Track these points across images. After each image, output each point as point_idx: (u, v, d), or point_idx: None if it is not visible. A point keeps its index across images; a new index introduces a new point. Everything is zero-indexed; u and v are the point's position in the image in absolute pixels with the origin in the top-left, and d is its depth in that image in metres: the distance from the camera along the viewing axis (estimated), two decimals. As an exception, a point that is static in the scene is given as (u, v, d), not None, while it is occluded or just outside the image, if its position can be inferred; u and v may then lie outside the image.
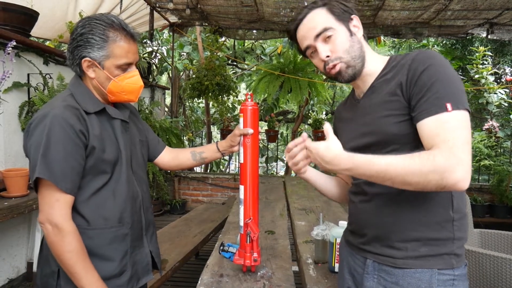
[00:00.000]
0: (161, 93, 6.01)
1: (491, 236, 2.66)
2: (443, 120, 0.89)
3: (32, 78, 3.00)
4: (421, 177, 0.85)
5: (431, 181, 0.84)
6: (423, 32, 4.92)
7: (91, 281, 1.13)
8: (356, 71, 1.06)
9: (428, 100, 0.91)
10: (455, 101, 0.89)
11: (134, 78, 1.25)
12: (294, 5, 4.31)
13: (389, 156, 0.89)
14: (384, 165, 0.88)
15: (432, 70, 0.93)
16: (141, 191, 1.34)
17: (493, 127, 5.41)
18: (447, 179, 0.83)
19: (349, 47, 1.04)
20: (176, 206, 5.30)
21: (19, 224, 2.96)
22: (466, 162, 0.85)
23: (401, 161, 0.87)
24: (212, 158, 1.57)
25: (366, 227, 1.08)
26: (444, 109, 0.89)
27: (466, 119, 0.90)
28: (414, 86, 0.94)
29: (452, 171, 0.83)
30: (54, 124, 1.10)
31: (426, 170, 0.84)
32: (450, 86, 0.91)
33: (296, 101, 5.04)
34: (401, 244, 0.99)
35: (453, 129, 0.87)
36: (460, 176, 0.83)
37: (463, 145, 0.86)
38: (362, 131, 1.08)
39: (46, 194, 1.12)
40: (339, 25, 1.04)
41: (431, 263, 0.96)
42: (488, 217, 4.95)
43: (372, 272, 1.05)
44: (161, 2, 4.36)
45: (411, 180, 0.86)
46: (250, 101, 1.38)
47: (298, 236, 2.03)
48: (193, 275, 3.22)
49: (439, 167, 0.83)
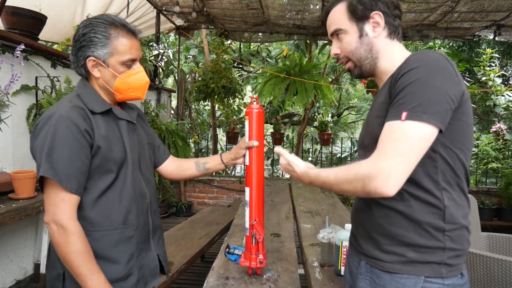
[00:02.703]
0: (167, 95, 6.03)
1: (499, 240, 2.63)
2: (392, 128, 0.89)
3: (40, 81, 3.03)
4: (348, 184, 0.94)
5: (356, 187, 0.91)
6: (430, 34, 4.89)
7: (97, 283, 1.11)
8: (362, 71, 1.08)
9: (393, 104, 0.91)
10: (414, 111, 0.86)
11: (140, 74, 1.25)
12: (300, 8, 4.31)
13: (331, 168, 1.02)
14: (324, 177, 1.03)
15: (412, 73, 0.89)
16: (149, 193, 1.33)
17: (500, 129, 5.36)
18: (368, 186, 0.88)
19: (354, 49, 1.06)
20: (182, 208, 5.31)
21: (27, 225, 2.98)
22: (388, 171, 0.85)
23: (335, 172, 0.99)
24: (216, 169, 1.57)
25: (359, 226, 1.10)
26: (398, 117, 0.88)
27: (418, 132, 0.86)
28: (393, 87, 0.94)
29: (371, 179, 0.87)
30: (59, 124, 1.10)
31: (350, 178, 0.93)
32: (419, 94, 0.87)
33: (301, 103, 5.02)
34: (390, 248, 0.99)
35: (394, 140, 0.87)
36: (378, 184, 0.86)
37: (395, 155, 0.86)
38: (366, 129, 1.10)
39: (52, 193, 1.12)
40: (351, 26, 1.06)
41: (419, 269, 0.95)
42: (496, 221, 4.90)
43: (364, 273, 1.05)
44: (168, 5, 4.38)
45: (343, 188, 0.96)
46: (255, 104, 1.38)
47: (304, 239, 2.03)
48: (199, 278, 3.22)
49: (361, 175, 0.90)
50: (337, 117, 8.68)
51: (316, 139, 6.14)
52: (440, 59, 0.90)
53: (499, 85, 5.72)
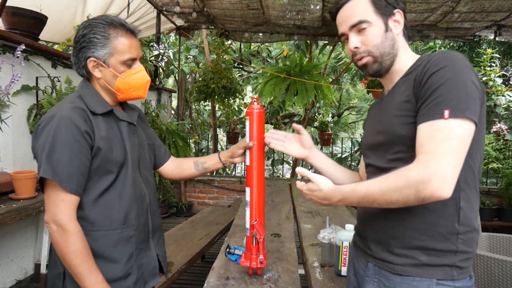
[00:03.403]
0: (168, 96, 6.03)
1: (500, 240, 2.63)
2: (436, 127, 0.86)
3: (41, 81, 3.04)
4: (398, 193, 0.87)
5: (408, 195, 0.86)
6: (430, 34, 4.89)
7: (95, 282, 1.12)
8: (382, 67, 1.04)
9: (429, 104, 0.88)
10: (456, 108, 0.85)
11: (140, 73, 1.26)
12: (300, 8, 4.31)
13: (369, 181, 0.95)
14: (364, 190, 0.93)
15: (442, 72, 0.88)
16: (149, 194, 1.34)
17: (501, 129, 5.36)
18: (423, 191, 0.84)
19: (380, 43, 1.01)
20: (182, 208, 5.31)
21: (27, 226, 2.98)
22: (443, 172, 0.82)
23: (377, 183, 0.91)
24: (214, 168, 1.57)
25: (369, 229, 1.08)
26: (441, 116, 0.85)
27: (463, 129, 0.85)
28: (422, 87, 0.91)
29: (426, 183, 0.83)
30: (60, 125, 1.11)
31: (400, 186, 0.87)
32: (455, 91, 0.86)
33: (302, 103, 5.02)
34: (401, 250, 0.98)
35: (441, 139, 0.85)
36: (434, 187, 0.83)
37: (446, 155, 0.83)
38: (377, 129, 1.07)
39: (52, 194, 1.13)
40: (377, 19, 1.01)
41: (430, 273, 0.94)
42: (496, 221, 4.90)
43: (372, 275, 1.04)
44: (168, 5, 4.39)
45: (391, 198, 0.89)
46: (256, 104, 1.38)
47: (304, 239, 2.03)
48: (199, 278, 3.22)
49: (413, 181, 0.85)
50: (338, 117, 8.68)
51: (317, 139, 6.13)
52: (464, 58, 0.91)
53: (500, 85, 5.72)
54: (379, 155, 1.06)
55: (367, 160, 1.14)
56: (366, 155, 1.15)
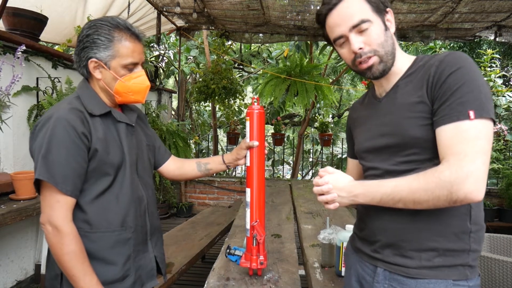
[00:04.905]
0: (168, 96, 6.04)
1: (500, 241, 2.63)
2: (463, 128, 0.85)
3: (41, 82, 3.04)
4: (429, 194, 0.85)
5: (440, 197, 0.84)
6: (430, 35, 4.90)
7: (90, 285, 1.11)
8: (386, 67, 1.00)
9: (451, 105, 0.87)
10: (480, 108, 0.84)
11: (141, 78, 1.25)
12: (301, 9, 4.31)
13: (396, 178, 0.91)
14: (392, 186, 0.90)
15: (459, 73, 0.87)
16: (147, 196, 1.33)
17: (501, 130, 5.35)
18: (456, 193, 0.82)
19: (384, 41, 0.98)
20: (183, 209, 5.32)
21: (28, 226, 2.98)
22: (477, 174, 0.82)
23: (406, 181, 0.89)
24: (217, 170, 1.56)
25: (379, 233, 1.04)
26: (466, 117, 0.84)
27: (488, 129, 0.85)
28: (439, 88, 0.89)
29: (460, 184, 0.82)
30: (57, 126, 1.11)
31: (432, 187, 0.85)
32: (477, 92, 0.85)
33: (302, 104, 5.02)
34: (415, 253, 0.96)
35: (470, 140, 0.84)
36: (469, 189, 0.81)
37: (477, 156, 0.82)
38: (382, 131, 1.03)
39: (47, 195, 1.12)
40: (376, 18, 0.98)
41: (446, 274, 0.93)
42: (497, 222, 4.89)
43: (382, 281, 1.01)
44: (168, 6, 4.39)
45: (419, 199, 0.87)
46: (256, 105, 1.38)
47: (305, 239, 2.03)
48: (199, 279, 3.22)
49: (446, 182, 0.83)
50: (338, 117, 8.67)
51: (317, 140, 6.14)
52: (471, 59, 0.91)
53: (500, 86, 5.71)
54: (384, 158, 1.03)
55: (366, 163, 1.11)
56: (364, 158, 1.12)
